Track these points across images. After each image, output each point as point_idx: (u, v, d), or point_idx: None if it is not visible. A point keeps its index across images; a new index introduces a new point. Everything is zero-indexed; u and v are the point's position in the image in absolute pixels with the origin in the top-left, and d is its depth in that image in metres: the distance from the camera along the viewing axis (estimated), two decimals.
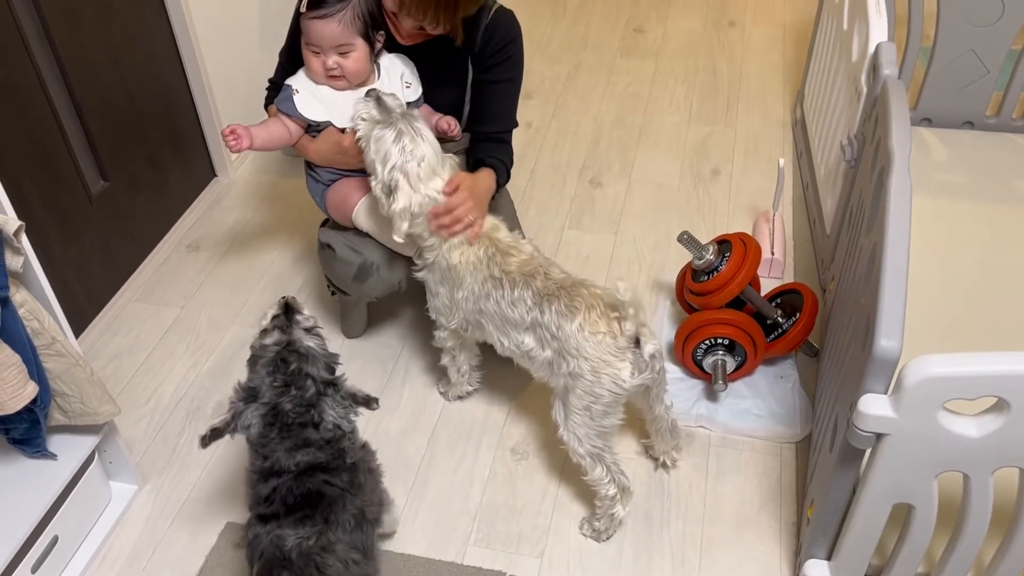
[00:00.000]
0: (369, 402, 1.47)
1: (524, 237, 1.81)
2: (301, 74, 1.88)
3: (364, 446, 1.55)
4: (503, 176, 1.96)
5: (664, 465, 1.91)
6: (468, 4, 1.74)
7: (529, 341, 1.70)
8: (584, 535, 1.81)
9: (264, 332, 1.44)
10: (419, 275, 1.84)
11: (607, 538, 1.80)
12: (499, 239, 1.75)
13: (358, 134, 1.72)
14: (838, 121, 2.27)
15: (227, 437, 1.41)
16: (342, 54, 1.80)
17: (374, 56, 1.86)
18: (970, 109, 2.54)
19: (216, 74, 2.64)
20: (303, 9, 1.78)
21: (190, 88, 2.60)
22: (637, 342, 1.60)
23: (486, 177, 1.87)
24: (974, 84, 2.49)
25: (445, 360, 1.99)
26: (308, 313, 1.49)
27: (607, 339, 1.59)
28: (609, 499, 1.75)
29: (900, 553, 1.48)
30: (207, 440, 1.40)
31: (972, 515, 1.38)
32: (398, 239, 1.72)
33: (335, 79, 1.84)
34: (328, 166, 1.95)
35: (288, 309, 1.46)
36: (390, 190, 1.69)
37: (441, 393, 2.11)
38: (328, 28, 1.77)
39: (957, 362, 1.22)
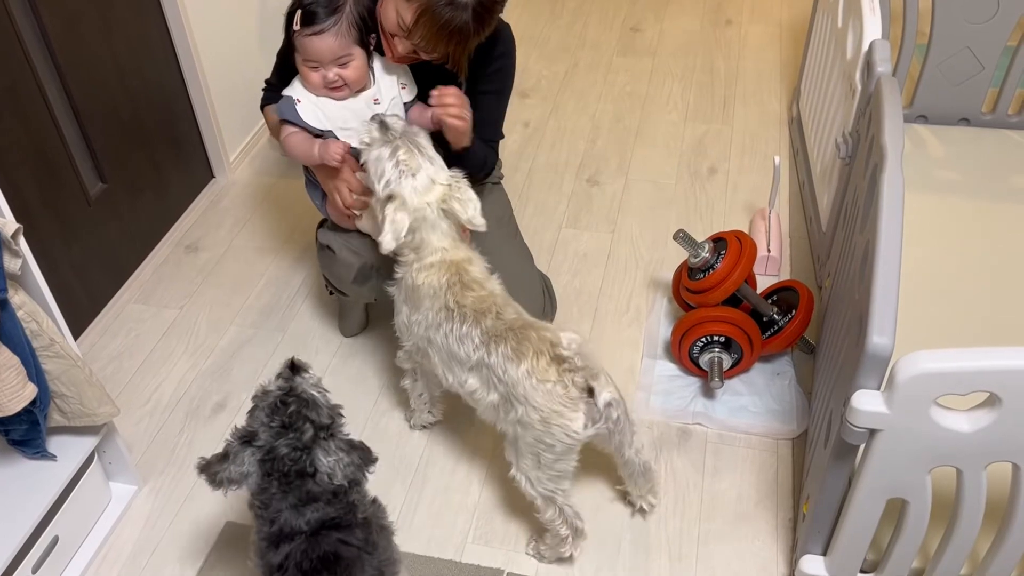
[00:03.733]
0: (368, 456, 1.39)
1: (521, 240, 1.78)
2: (298, 84, 1.85)
3: (374, 501, 1.47)
4: (477, 161, 1.91)
5: (641, 510, 1.83)
6: (475, 41, 1.71)
7: (473, 382, 1.64)
8: (528, 554, 1.78)
9: (267, 386, 1.41)
10: (389, 290, 1.81)
11: (548, 563, 1.77)
12: (467, 271, 1.68)
13: (362, 159, 1.70)
14: (833, 118, 2.28)
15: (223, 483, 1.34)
16: (341, 65, 1.77)
17: (370, 60, 1.85)
18: (966, 106, 2.54)
19: (213, 75, 2.65)
20: (296, 26, 1.74)
21: (187, 89, 2.61)
22: (591, 391, 1.53)
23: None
24: (970, 81, 2.49)
25: (406, 383, 1.95)
26: (314, 373, 1.44)
27: (557, 388, 1.52)
28: (560, 539, 1.71)
29: (895, 547, 1.49)
30: (200, 470, 1.35)
31: (966, 509, 1.39)
32: (384, 250, 1.67)
33: (336, 90, 1.81)
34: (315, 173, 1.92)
35: (294, 367, 1.42)
36: (387, 203, 1.66)
37: (406, 420, 2.07)
38: (325, 43, 1.74)
39: (948, 358, 1.23)
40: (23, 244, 1.49)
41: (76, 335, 2.23)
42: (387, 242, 1.64)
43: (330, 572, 1.32)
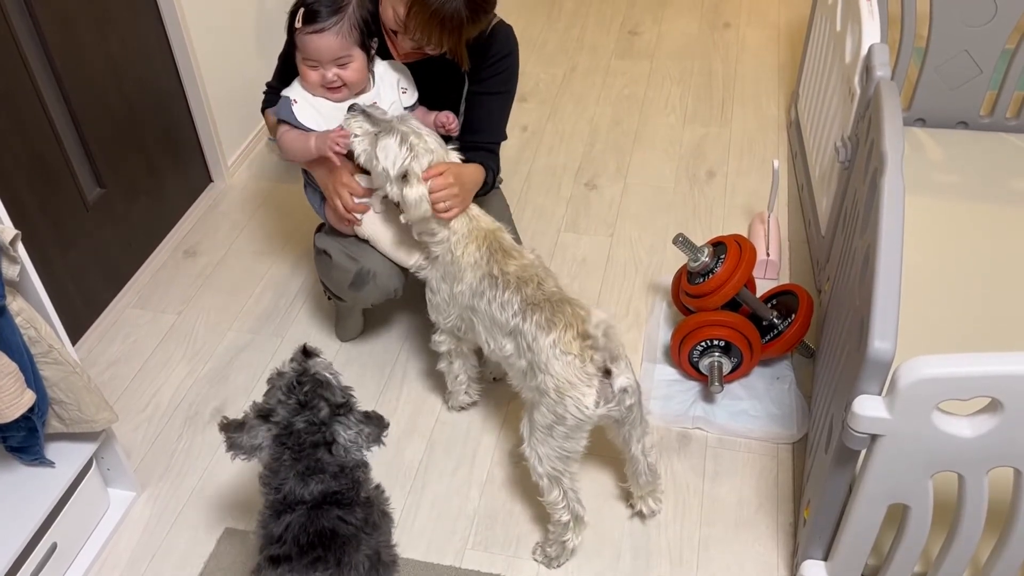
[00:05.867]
0: (382, 422, 1.45)
1: (522, 244, 1.82)
2: (296, 84, 1.87)
3: (378, 487, 1.50)
4: (489, 179, 1.95)
5: (640, 514, 1.83)
6: (471, 29, 1.72)
7: (509, 347, 1.69)
8: (536, 560, 1.78)
9: (281, 368, 1.45)
10: (422, 274, 1.85)
11: (558, 566, 1.76)
12: (502, 239, 1.76)
13: (359, 150, 1.73)
14: (832, 122, 2.28)
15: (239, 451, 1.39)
16: (341, 66, 1.79)
17: (370, 63, 1.86)
18: (964, 109, 2.54)
19: (212, 79, 2.64)
20: (298, 24, 1.76)
21: (186, 93, 2.61)
22: (609, 372, 1.56)
23: (473, 169, 1.86)
24: (968, 84, 2.49)
25: (442, 365, 1.99)
26: (326, 357, 1.48)
27: (576, 361, 1.56)
28: (562, 525, 1.71)
29: (896, 553, 1.49)
30: (221, 428, 1.41)
31: (967, 515, 1.39)
32: (409, 220, 1.73)
33: (335, 91, 1.83)
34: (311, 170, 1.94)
35: (307, 352, 1.45)
36: (404, 185, 1.70)
37: (445, 402, 2.11)
38: (325, 42, 1.75)
39: (950, 363, 1.23)
40: (21, 250, 1.48)
41: (74, 340, 2.22)
42: (422, 211, 1.69)
43: (325, 548, 1.34)
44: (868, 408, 1.30)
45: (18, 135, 2.02)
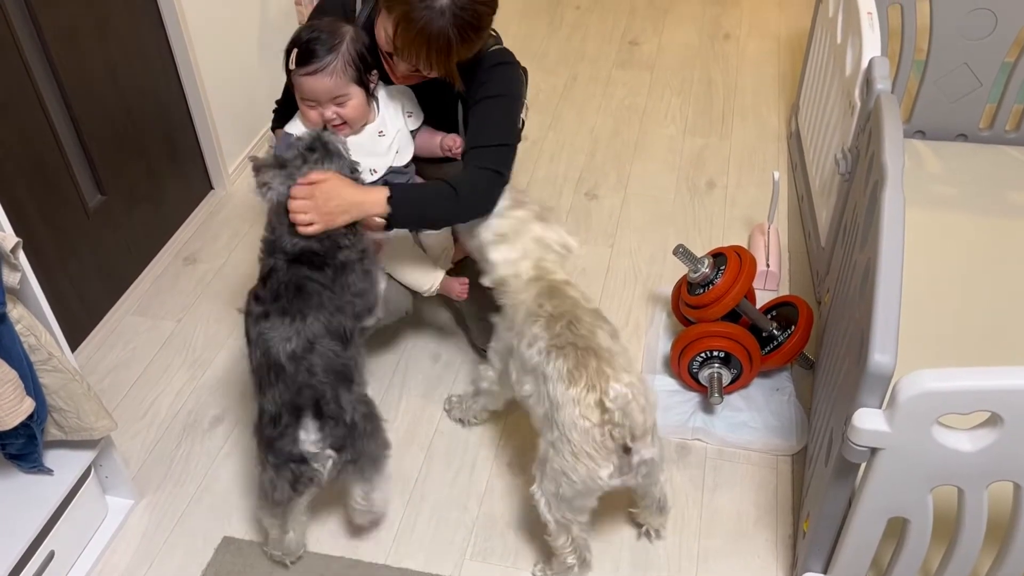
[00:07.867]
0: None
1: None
2: (298, 121, 1.84)
3: (366, 250, 1.69)
4: (452, 191, 1.75)
5: (647, 534, 1.82)
6: (462, 50, 1.69)
7: (529, 386, 1.62)
8: (536, 575, 1.77)
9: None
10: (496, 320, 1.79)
11: None
12: (561, 289, 1.67)
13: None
14: (832, 134, 2.29)
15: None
16: (339, 104, 1.77)
17: (371, 96, 1.83)
18: (963, 122, 2.55)
19: (213, 86, 2.64)
20: (292, 65, 1.73)
21: (187, 101, 2.61)
22: (629, 449, 1.50)
23: (360, 192, 1.66)
24: (967, 97, 2.51)
25: (470, 390, 1.97)
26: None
27: (595, 432, 1.47)
28: (566, 567, 1.68)
29: (896, 566, 1.49)
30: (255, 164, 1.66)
31: (967, 529, 1.39)
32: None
33: (337, 128, 1.80)
34: None
35: (325, 127, 1.75)
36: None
37: (446, 410, 2.10)
38: (321, 83, 1.73)
39: (951, 377, 1.23)
40: (22, 258, 1.48)
41: (73, 347, 2.22)
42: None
43: (288, 300, 1.58)
44: (868, 421, 1.30)
45: (20, 142, 2.02)
